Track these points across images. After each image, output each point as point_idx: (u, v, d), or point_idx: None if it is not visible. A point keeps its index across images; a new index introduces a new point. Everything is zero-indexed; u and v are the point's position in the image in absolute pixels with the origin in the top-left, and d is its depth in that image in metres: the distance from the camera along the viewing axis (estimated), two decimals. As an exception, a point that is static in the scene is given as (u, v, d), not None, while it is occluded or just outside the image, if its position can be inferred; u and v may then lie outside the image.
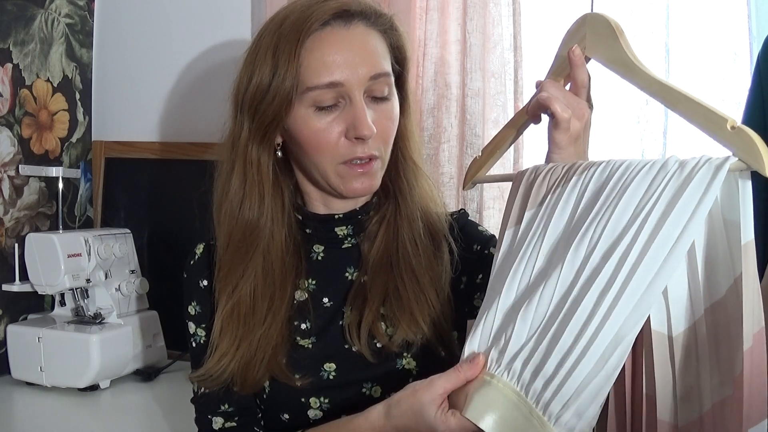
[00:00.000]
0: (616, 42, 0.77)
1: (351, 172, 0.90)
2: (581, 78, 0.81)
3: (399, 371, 0.92)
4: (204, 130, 1.67)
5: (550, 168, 0.77)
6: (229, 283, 0.93)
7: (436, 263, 0.96)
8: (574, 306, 0.67)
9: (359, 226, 0.98)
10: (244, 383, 0.92)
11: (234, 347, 0.91)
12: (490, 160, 0.93)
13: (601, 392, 0.66)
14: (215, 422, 0.96)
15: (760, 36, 1.21)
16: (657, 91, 0.73)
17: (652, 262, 0.63)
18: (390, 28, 0.93)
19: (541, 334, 0.69)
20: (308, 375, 0.92)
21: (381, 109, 0.90)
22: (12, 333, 1.49)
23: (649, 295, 0.63)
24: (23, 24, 1.58)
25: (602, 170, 0.71)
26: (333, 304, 0.96)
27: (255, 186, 0.92)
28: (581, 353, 0.65)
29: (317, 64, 0.86)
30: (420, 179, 0.99)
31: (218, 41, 1.66)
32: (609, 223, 0.67)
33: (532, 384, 0.69)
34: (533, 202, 0.76)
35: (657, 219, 0.64)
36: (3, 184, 1.55)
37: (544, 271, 0.72)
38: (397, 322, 0.91)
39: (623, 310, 0.64)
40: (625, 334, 0.64)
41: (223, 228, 0.94)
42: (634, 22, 1.32)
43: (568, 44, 0.82)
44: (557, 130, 0.80)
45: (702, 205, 0.62)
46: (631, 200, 0.66)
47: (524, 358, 0.70)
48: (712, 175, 0.62)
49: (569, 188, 0.72)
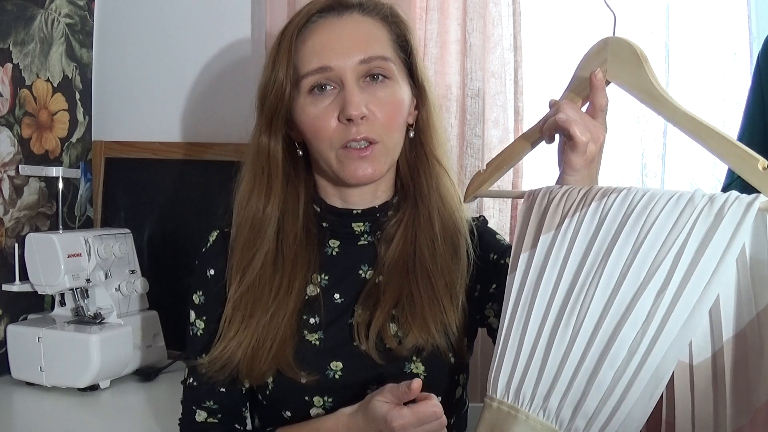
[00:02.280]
0: (640, 70, 0.77)
1: (349, 156, 0.90)
2: (600, 102, 0.82)
3: (407, 375, 0.91)
4: (204, 130, 1.67)
5: (565, 191, 0.77)
6: (239, 270, 0.95)
7: (453, 268, 0.95)
8: (610, 341, 0.67)
9: (377, 225, 0.98)
10: (250, 373, 0.93)
11: (241, 334, 0.92)
12: (495, 174, 0.93)
13: (639, 428, 0.66)
14: (199, 414, 0.99)
15: (760, 36, 1.21)
16: (685, 124, 0.73)
17: (689, 299, 0.64)
18: (390, 15, 0.94)
19: (576, 370, 0.69)
20: (314, 372, 0.92)
21: (379, 93, 0.90)
22: (12, 333, 1.49)
23: (687, 331, 0.64)
24: (23, 24, 1.58)
25: (623, 198, 0.71)
26: (344, 301, 0.96)
27: (264, 177, 0.95)
28: (624, 391, 0.66)
29: (308, 52, 0.90)
30: (442, 179, 0.98)
31: (218, 41, 1.66)
32: (639, 255, 0.67)
33: (573, 423, 0.69)
34: (549, 225, 0.76)
35: (692, 256, 0.64)
36: (3, 184, 1.55)
37: (569, 301, 0.71)
38: (408, 327, 0.91)
39: (663, 345, 0.65)
40: (666, 371, 0.65)
41: (235, 218, 0.97)
42: (634, 22, 1.32)
43: (587, 66, 0.83)
44: (574, 152, 0.80)
45: (734, 243, 0.63)
46: (659, 233, 0.67)
47: (561, 396, 0.70)
48: (743, 213, 0.63)
49: (589, 215, 0.72)
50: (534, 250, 0.76)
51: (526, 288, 0.75)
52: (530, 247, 0.77)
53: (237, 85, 1.61)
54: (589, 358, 0.68)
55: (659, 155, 1.32)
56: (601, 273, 0.69)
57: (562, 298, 0.72)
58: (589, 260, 0.71)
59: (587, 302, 0.69)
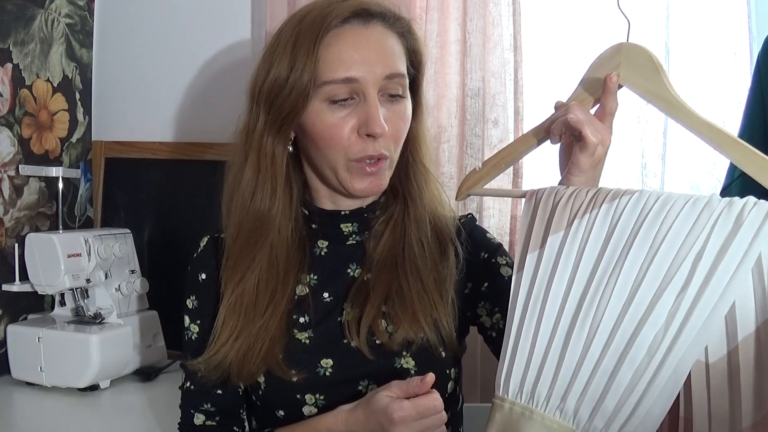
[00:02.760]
0: (657, 76, 0.79)
1: (360, 171, 0.90)
2: (611, 105, 0.83)
3: (397, 370, 0.92)
4: (204, 129, 1.67)
5: (573, 192, 0.77)
6: (237, 272, 0.94)
7: (442, 266, 0.96)
8: (630, 341, 0.68)
9: (365, 224, 0.98)
10: (240, 374, 0.93)
11: (234, 337, 0.92)
12: (492, 173, 0.93)
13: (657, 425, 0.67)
14: (197, 417, 0.99)
15: (760, 36, 1.21)
16: (705, 133, 0.75)
17: (709, 301, 0.65)
18: (407, 32, 0.94)
19: (594, 370, 0.70)
20: (304, 370, 0.92)
21: (394, 109, 0.91)
22: (12, 333, 1.49)
23: (705, 331, 0.65)
24: (23, 24, 1.58)
25: (636, 200, 0.71)
26: (333, 300, 0.97)
27: (268, 177, 0.93)
28: (644, 391, 0.67)
29: (334, 60, 0.87)
30: (429, 183, 0.99)
31: (218, 41, 1.66)
32: (656, 258, 0.68)
33: (591, 423, 0.69)
34: (557, 225, 0.76)
35: (713, 259, 0.66)
36: (3, 184, 1.55)
37: (585, 302, 0.72)
38: (398, 321, 0.92)
39: (683, 346, 0.66)
40: (684, 371, 0.66)
41: (234, 218, 0.95)
42: (634, 22, 1.32)
43: (599, 69, 0.83)
44: (583, 153, 0.81)
45: (753, 248, 0.64)
46: (677, 236, 0.68)
47: (578, 396, 0.70)
48: (763, 218, 0.64)
49: (601, 216, 0.73)
50: (543, 249, 0.76)
51: (536, 288, 0.75)
52: (538, 246, 0.77)
53: (237, 85, 1.59)
54: (608, 358, 0.69)
55: (659, 155, 1.32)
56: (618, 274, 0.70)
57: (577, 299, 0.72)
58: (603, 261, 0.71)
59: (604, 303, 0.70)
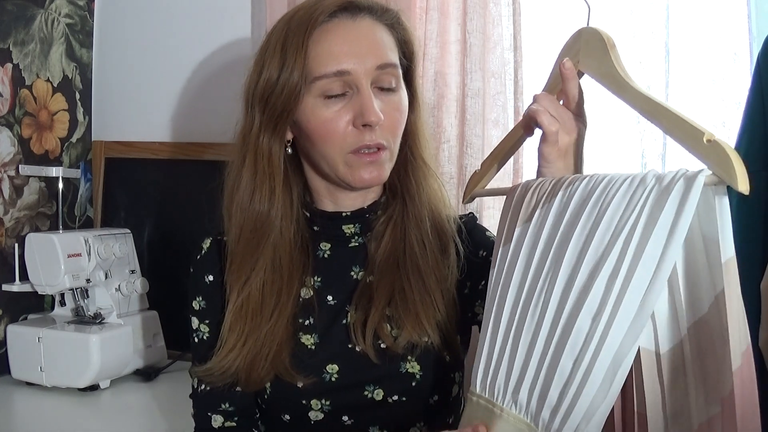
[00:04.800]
0: (606, 56, 0.76)
1: (359, 161, 0.90)
2: (572, 92, 0.81)
3: (402, 374, 0.92)
4: (204, 129, 1.67)
5: (539, 183, 0.76)
6: (241, 276, 0.94)
7: (443, 265, 0.96)
8: (568, 328, 0.65)
9: (366, 225, 0.98)
10: (248, 380, 0.92)
11: (241, 343, 0.92)
12: (489, 172, 0.93)
13: (604, 416, 0.64)
14: (215, 420, 0.97)
15: (760, 36, 1.21)
16: (642, 107, 0.71)
17: (641, 281, 0.62)
18: (396, 23, 0.94)
19: (541, 360, 0.68)
20: (311, 376, 0.92)
21: (388, 99, 0.91)
22: (12, 333, 1.49)
23: (641, 315, 0.62)
24: (23, 24, 1.58)
25: (585, 185, 0.69)
26: (337, 303, 0.96)
27: (266, 178, 0.93)
28: (583, 379, 0.63)
29: (324, 54, 0.88)
30: (429, 179, 0.99)
31: (218, 41, 1.66)
32: (594, 240, 0.65)
33: (540, 415, 0.67)
34: (522, 218, 0.75)
35: (640, 236, 0.62)
36: (3, 184, 1.55)
37: (534, 293, 0.70)
38: (402, 324, 0.91)
39: (618, 331, 0.62)
40: (623, 356, 0.62)
41: (235, 220, 0.95)
42: (634, 22, 1.32)
43: (562, 57, 0.81)
44: (544, 143, 0.80)
45: (681, 220, 0.60)
46: (614, 216, 0.65)
47: (528, 388, 0.69)
48: (686, 188, 0.60)
49: (555, 204, 0.71)
50: (510, 244, 0.75)
51: (502, 282, 0.75)
52: (507, 241, 0.76)
53: (237, 85, 1.58)
54: (552, 348, 0.66)
55: (659, 155, 1.32)
56: (562, 261, 0.67)
57: (529, 289, 0.71)
58: (553, 249, 0.69)
59: (549, 291, 0.68)
